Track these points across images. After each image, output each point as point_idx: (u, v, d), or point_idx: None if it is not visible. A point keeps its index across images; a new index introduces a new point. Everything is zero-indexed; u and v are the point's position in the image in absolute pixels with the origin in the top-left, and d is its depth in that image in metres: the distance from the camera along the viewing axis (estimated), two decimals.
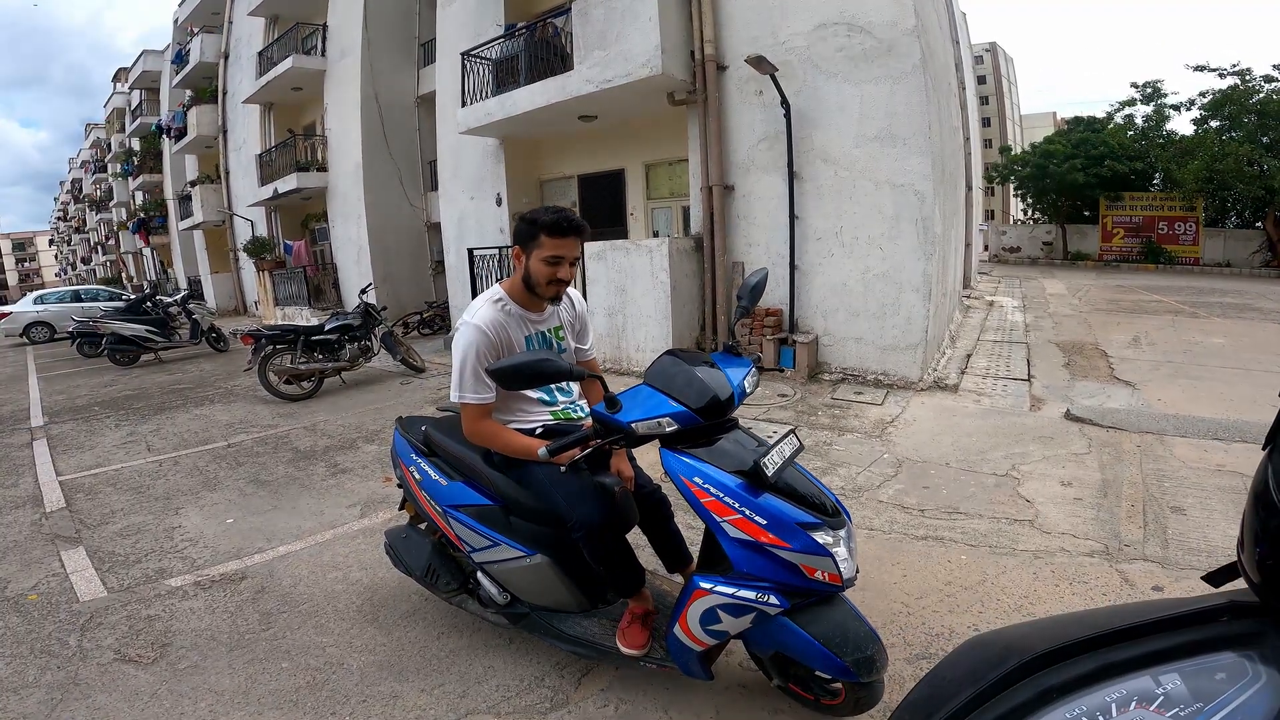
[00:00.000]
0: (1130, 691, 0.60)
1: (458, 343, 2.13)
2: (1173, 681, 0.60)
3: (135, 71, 29.53)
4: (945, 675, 0.71)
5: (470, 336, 2.10)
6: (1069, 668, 0.64)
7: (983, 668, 0.67)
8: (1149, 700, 0.59)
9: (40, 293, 20.04)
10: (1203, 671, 0.60)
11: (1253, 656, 0.59)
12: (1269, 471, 0.62)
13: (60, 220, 70.85)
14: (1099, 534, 3.42)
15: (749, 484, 1.75)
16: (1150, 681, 0.61)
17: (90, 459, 5.81)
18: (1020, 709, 0.63)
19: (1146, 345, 8.35)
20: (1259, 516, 0.61)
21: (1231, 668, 0.59)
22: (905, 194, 6.54)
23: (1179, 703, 0.58)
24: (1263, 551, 0.61)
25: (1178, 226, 21.31)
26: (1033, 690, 0.64)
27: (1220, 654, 0.61)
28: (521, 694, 2.36)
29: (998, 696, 0.65)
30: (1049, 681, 0.64)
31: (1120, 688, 0.61)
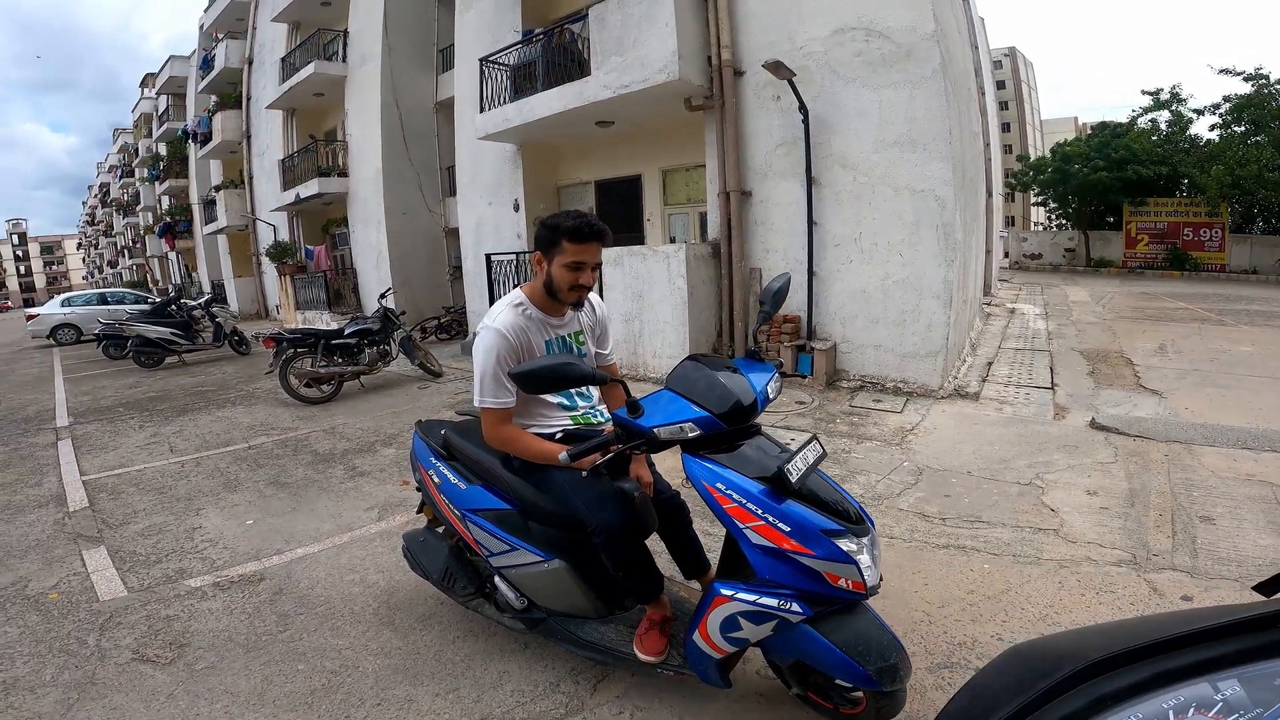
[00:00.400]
0: (1188, 698, 0.59)
1: (478, 347, 2.12)
2: (1231, 688, 0.59)
3: (162, 77, 30.10)
4: (988, 684, 0.70)
5: (491, 341, 2.09)
6: (1123, 675, 0.63)
7: (1030, 676, 0.66)
8: (1207, 706, 0.58)
9: (68, 295, 20.40)
10: (1262, 677, 0.59)
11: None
12: None
13: (88, 224, 72.20)
14: (1126, 543, 3.36)
15: (772, 490, 1.72)
16: (1208, 688, 0.59)
17: (114, 459, 5.89)
18: (1073, 717, 0.62)
19: (1173, 353, 8.20)
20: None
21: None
22: (926, 200, 6.48)
23: (1238, 708, 0.57)
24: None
25: (1203, 232, 20.95)
26: (1086, 698, 0.63)
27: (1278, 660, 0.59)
28: (536, 699, 2.35)
29: (1049, 704, 0.64)
30: (1102, 689, 0.62)
31: (1177, 694, 0.60)
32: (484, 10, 10.96)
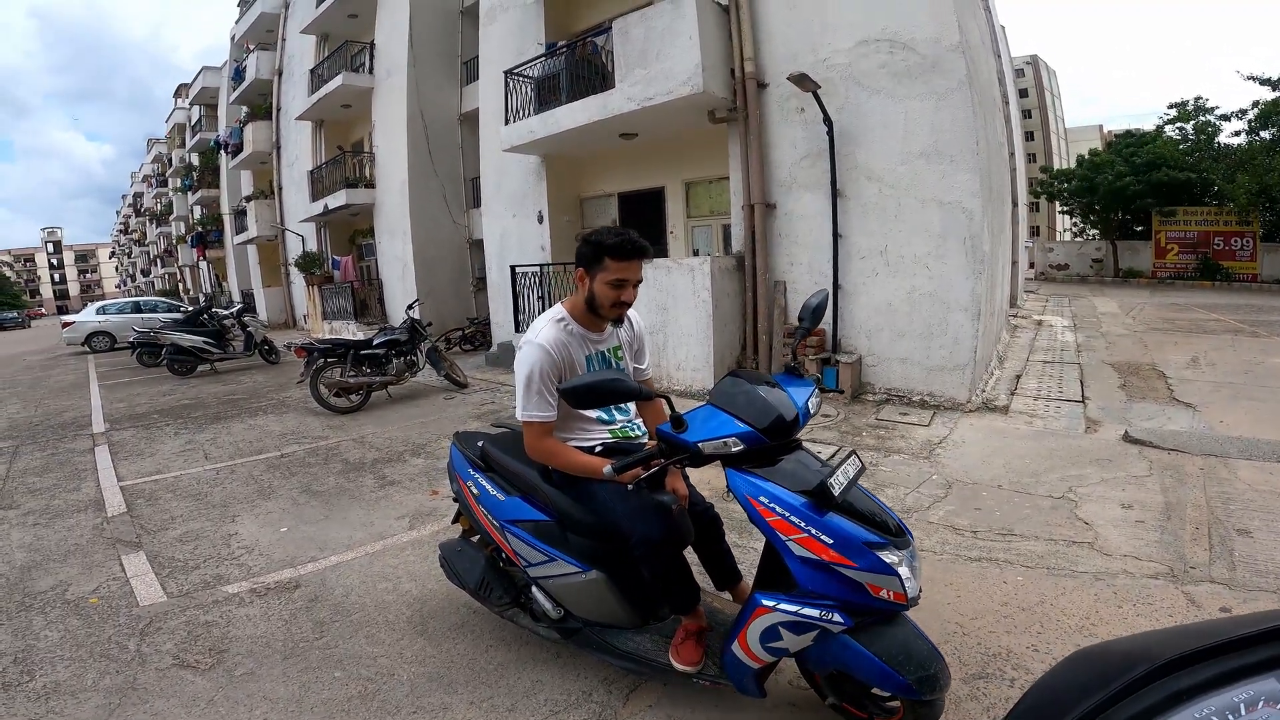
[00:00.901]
0: (1258, 692, 0.61)
1: (522, 361, 2.16)
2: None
3: (195, 88, 30.81)
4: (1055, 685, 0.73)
5: (534, 355, 2.13)
6: (1197, 672, 0.65)
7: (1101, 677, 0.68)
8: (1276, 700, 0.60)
9: (102, 303, 20.86)
10: None
11: None
12: None
13: (121, 233, 73.86)
14: (1163, 556, 3.33)
15: (814, 503, 1.74)
16: (1277, 683, 0.61)
17: (150, 465, 6.01)
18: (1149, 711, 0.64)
19: (1206, 366, 8.06)
20: None
21: None
22: (953, 212, 6.45)
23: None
24: None
25: (1234, 242, 20.55)
26: (1162, 693, 0.65)
27: None
28: (569, 709, 2.37)
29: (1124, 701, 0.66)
30: (1177, 685, 0.65)
31: (1248, 689, 0.62)
32: (508, 23, 11.11)
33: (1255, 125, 20.16)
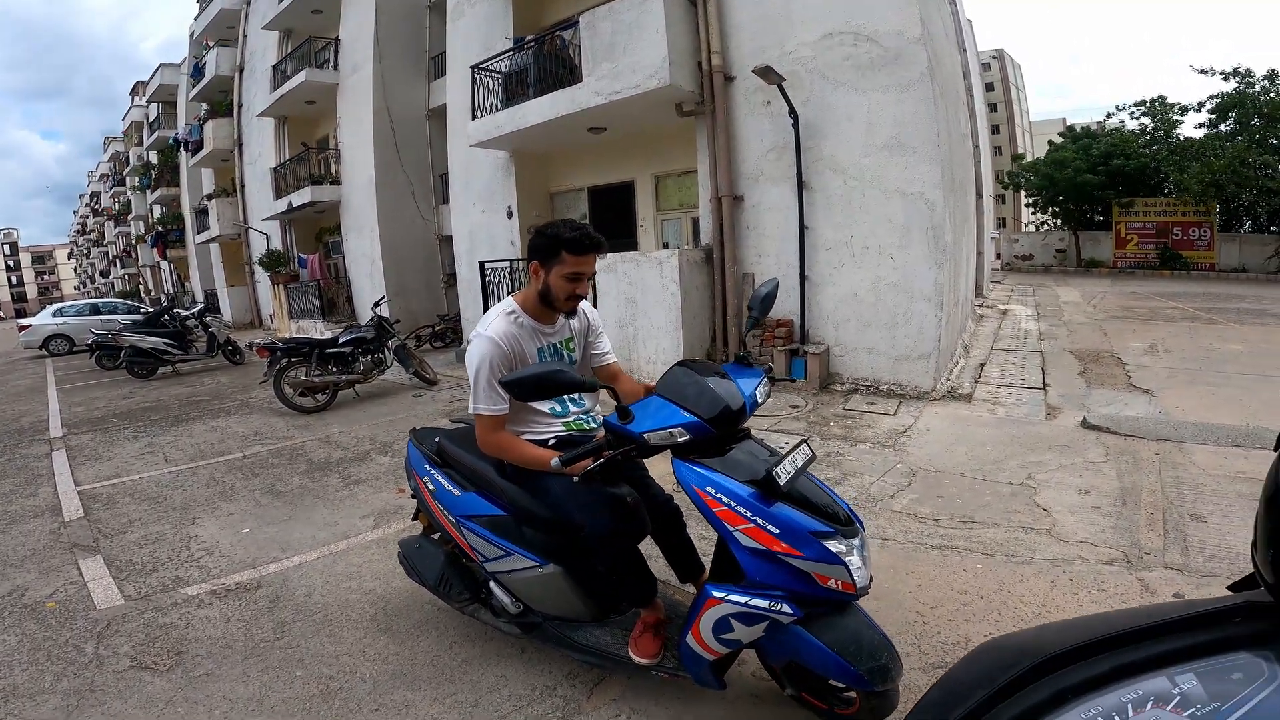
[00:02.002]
0: (1146, 692, 0.60)
1: (472, 355, 2.15)
2: (1189, 681, 0.60)
3: (152, 85, 30.02)
4: (959, 678, 0.71)
5: (484, 349, 2.12)
6: (1083, 669, 0.64)
7: (997, 670, 0.67)
8: (1165, 700, 0.59)
9: (60, 305, 20.32)
10: (1219, 671, 0.60)
11: (1269, 656, 0.59)
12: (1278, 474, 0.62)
13: (79, 233, 71.93)
14: (1118, 542, 3.40)
15: (761, 493, 1.75)
16: (1166, 682, 0.60)
17: (108, 469, 5.88)
18: (1034, 710, 0.63)
19: (1163, 352, 8.28)
20: (1271, 518, 0.61)
21: (1248, 668, 0.59)
22: (915, 203, 6.53)
23: (1195, 702, 0.58)
24: (1275, 553, 0.61)
25: (1192, 232, 21.12)
26: (1048, 691, 0.64)
27: (1236, 654, 0.61)
28: (533, 703, 2.36)
29: (1012, 698, 0.65)
30: (1063, 682, 0.64)
31: (1136, 688, 0.61)
32: (475, 18, 11.01)
33: (1215, 120, 20.68)
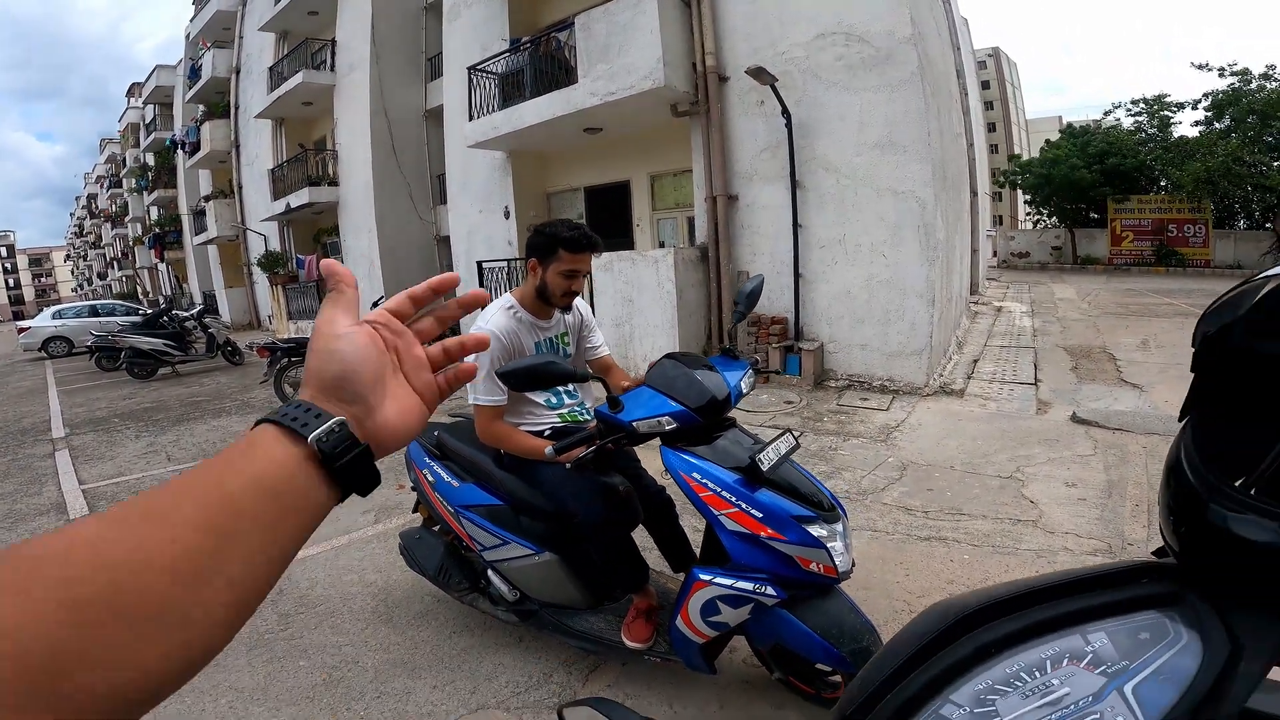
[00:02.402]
0: (1062, 649, 0.63)
1: None
2: (1100, 640, 0.62)
3: (149, 86, 30.05)
4: (897, 639, 0.74)
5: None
6: (1003, 625, 0.67)
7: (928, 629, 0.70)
8: (1079, 657, 0.61)
9: (58, 307, 20.36)
10: (1127, 630, 0.62)
11: (1174, 617, 0.61)
12: (1181, 444, 0.67)
13: (76, 235, 71.85)
14: (1103, 533, 3.46)
15: (746, 479, 1.82)
16: (1080, 639, 0.63)
17: (112, 469, 5.94)
18: (959, 665, 0.65)
19: (1155, 348, 8.35)
20: (1170, 487, 0.64)
21: (1154, 628, 0.61)
22: (907, 201, 6.61)
23: (1106, 660, 0.60)
24: (1176, 519, 0.63)
25: (1187, 229, 21.18)
26: (970, 647, 0.66)
27: (1144, 613, 0.63)
28: (530, 689, 2.43)
29: (938, 654, 0.67)
30: (984, 638, 0.66)
31: (1053, 645, 0.63)
32: (472, 19, 11.06)
33: (1211, 117, 20.73)
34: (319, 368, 0.50)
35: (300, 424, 0.46)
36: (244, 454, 0.45)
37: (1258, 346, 0.60)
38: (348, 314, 0.54)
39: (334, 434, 0.47)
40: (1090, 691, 0.59)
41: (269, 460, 0.45)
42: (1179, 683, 0.56)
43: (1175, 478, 0.65)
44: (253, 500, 0.42)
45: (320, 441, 0.46)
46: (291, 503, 0.44)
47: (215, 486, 0.42)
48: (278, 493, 0.44)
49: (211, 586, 0.39)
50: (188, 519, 0.40)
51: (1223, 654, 0.57)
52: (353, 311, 0.54)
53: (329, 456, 0.46)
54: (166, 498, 0.41)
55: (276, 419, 0.47)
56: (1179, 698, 0.55)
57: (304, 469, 0.45)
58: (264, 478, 0.43)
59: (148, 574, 0.37)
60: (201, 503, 0.41)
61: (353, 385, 0.50)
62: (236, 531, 0.41)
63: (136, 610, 0.36)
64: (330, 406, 0.49)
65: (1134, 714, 0.56)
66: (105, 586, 0.35)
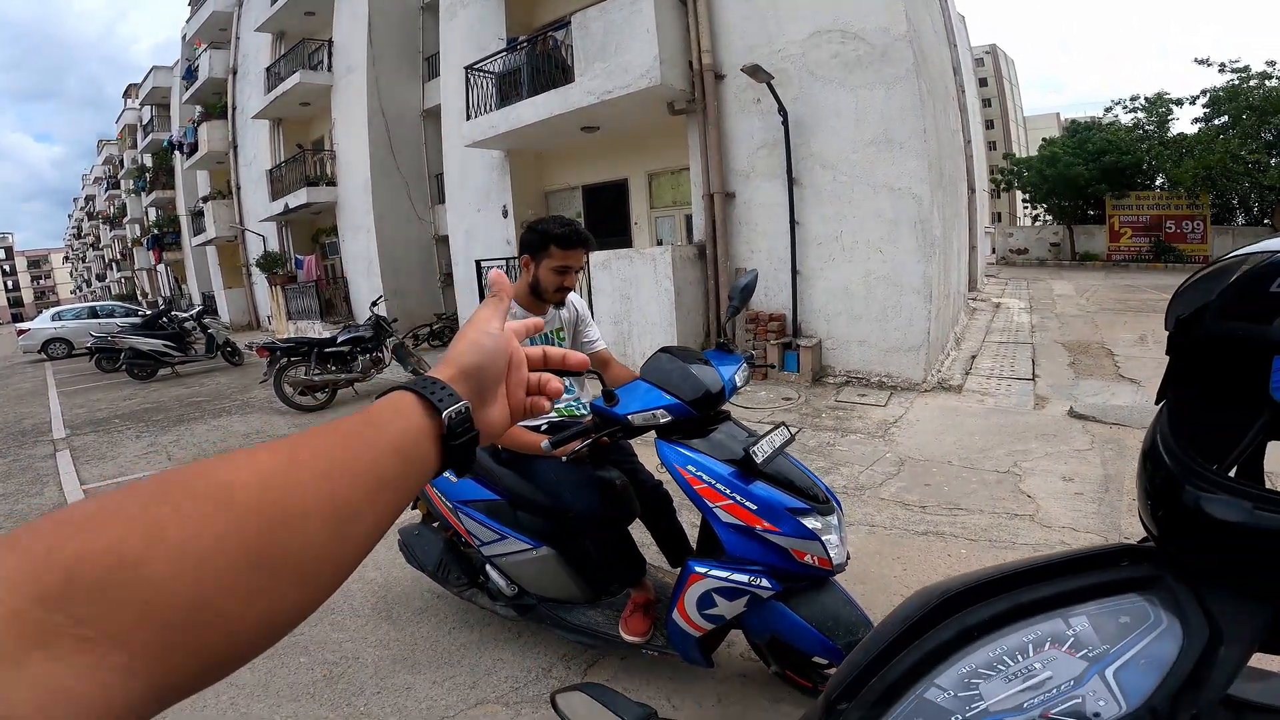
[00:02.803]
0: (1044, 633, 0.63)
1: None
2: (1081, 624, 0.63)
3: (145, 87, 30.03)
4: (885, 624, 0.75)
5: None
6: (985, 608, 0.68)
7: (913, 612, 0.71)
8: (1061, 641, 0.61)
9: (58, 309, 20.35)
10: (1108, 614, 0.63)
11: (1154, 601, 0.61)
12: (1156, 428, 0.68)
13: (75, 237, 71.78)
14: (1099, 527, 3.48)
15: (740, 472, 1.84)
16: (1061, 623, 0.63)
17: (113, 469, 5.96)
18: (943, 648, 0.66)
19: (1153, 343, 8.35)
20: (1147, 471, 0.65)
21: (1135, 611, 0.61)
22: (903, 197, 6.62)
23: (1088, 644, 0.60)
24: (1153, 503, 0.64)
25: (1185, 225, 21.19)
26: (953, 630, 0.67)
27: (1124, 597, 0.63)
28: (529, 684, 2.45)
29: (924, 636, 0.68)
30: (967, 621, 0.67)
31: (1036, 628, 0.64)
32: (469, 18, 11.07)
33: (1210, 114, 20.73)
34: (464, 352, 0.56)
35: (438, 399, 0.50)
36: (388, 416, 0.48)
37: (1231, 328, 0.60)
38: (500, 318, 0.61)
39: (460, 414, 0.51)
40: (1072, 675, 0.59)
41: (408, 424, 0.48)
42: (1160, 668, 0.57)
43: (1151, 461, 0.66)
44: (391, 461, 0.45)
45: (450, 419, 0.50)
46: (413, 468, 0.47)
47: (367, 445, 0.44)
48: (407, 456, 0.47)
49: (350, 541, 0.41)
50: (349, 472, 0.41)
51: (1202, 638, 0.57)
52: (503, 316, 0.62)
53: (451, 434, 0.50)
54: (329, 443, 0.43)
55: (419, 389, 0.51)
56: (1160, 683, 0.56)
57: (428, 439, 0.49)
58: (400, 442, 0.46)
59: (312, 522, 0.38)
60: (357, 458, 0.43)
61: (483, 378, 0.56)
62: (379, 490, 0.43)
63: (295, 558, 0.37)
64: (460, 388, 0.53)
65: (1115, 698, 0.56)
66: (281, 528, 0.36)
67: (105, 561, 0.29)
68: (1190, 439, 0.63)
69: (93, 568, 0.28)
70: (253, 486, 0.36)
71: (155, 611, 0.29)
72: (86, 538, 0.29)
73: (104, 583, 0.28)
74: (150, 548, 0.30)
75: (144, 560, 0.30)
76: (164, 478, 0.35)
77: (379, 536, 0.44)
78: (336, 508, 0.40)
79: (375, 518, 0.43)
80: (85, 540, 0.29)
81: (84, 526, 0.30)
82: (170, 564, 0.30)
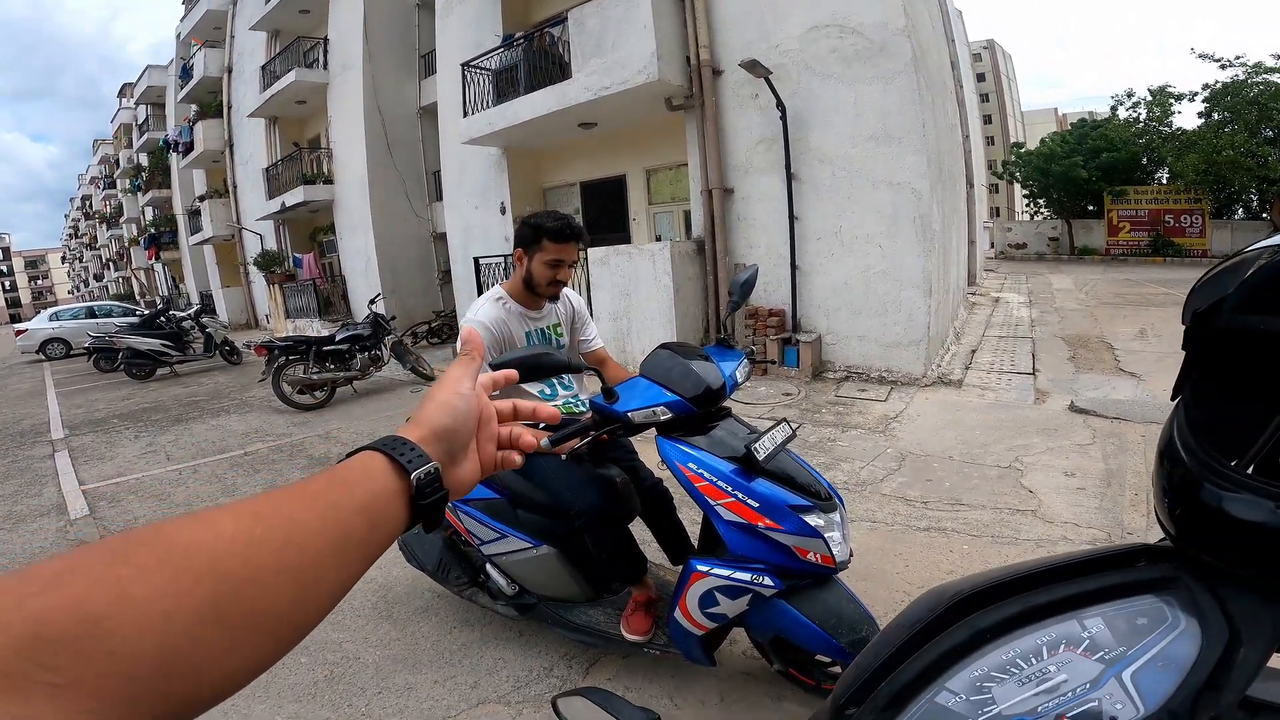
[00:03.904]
0: (1058, 635, 0.62)
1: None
2: (1097, 625, 0.62)
3: (140, 87, 29.91)
4: (895, 624, 0.73)
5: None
6: (997, 610, 0.67)
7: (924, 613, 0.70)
8: (1076, 643, 0.61)
9: (55, 309, 20.29)
10: (1124, 615, 0.62)
11: (1172, 602, 0.60)
12: (1173, 424, 0.67)
13: (72, 237, 71.58)
14: (1102, 522, 3.46)
15: (742, 469, 1.82)
16: (1076, 625, 0.62)
17: (111, 469, 5.94)
18: (955, 651, 0.65)
19: (1153, 337, 8.35)
20: (1164, 469, 0.63)
21: (1152, 613, 0.60)
22: (902, 192, 6.60)
23: (1104, 646, 0.60)
24: (1171, 501, 0.62)
25: (1184, 219, 21.20)
26: (966, 633, 0.66)
27: (1140, 598, 0.62)
28: (531, 683, 2.44)
29: (935, 639, 0.67)
30: (980, 624, 0.66)
31: (1049, 631, 0.63)
32: (465, 15, 11.02)
33: (1209, 109, 20.70)
34: (434, 414, 0.57)
35: (406, 460, 0.52)
36: (356, 477, 0.49)
37: (1251, 322, 0.59)
38: (471, 378, 0.63)
39: (430, 476, 0.53)
40: (1088, 678, 0.59)
41: (376, 487, 0.50)
42: (1178, 669, 0.56)
43: (1169, 459, 0.64)
44: (358, 522, 0.46)
45: (419, 480, 0.52)
46: (380, 528, 0.49)
47: (332, 506, 0.45)
48: (374, 517, 0.48)
49: (314, 600, 0.42)
50: (314, 534, 0.43)
51: (1221, 640, 0.56)
52: (475, 376, 0.64)
53: (420, 494, 0.52)
54: (293, 507, 0.44)
55: (387, 450, 0.52)
56: (1178, 685, 0.55)
57: (397, 500, 0.51)
58: (368, 503, 0.48)
59: (275, 583, 0.39)
60: (322, 519, 0.44)
61: (453, 439, 0.58)
62: (344, 550, 0.45)
63: (259, 617, 0.38)
64: (430, 449, 0.55)
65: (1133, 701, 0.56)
66: (245, 588, 0.37)
67: (72, 614, 0.31)
68: (1208, 435, 0.62)
69: (60, 620, 0.30)
70: (215, 550, 0.37)
71: (122, 663, 0.31)
72: (53, 594, 0.31)
73: (71, 635, 0.30)
74: (114, 605, 0.32)
75: (108, 616, 0.31)
76: (127, 538, 0.36)
77: (345, 592, 0.46)
78: (300, 569, 0.41)
79: (340, 577, 0.44)
80: (51, 596, 0.31)
81: (51, 583, 0.32)
82: (134, 622, 0.32)
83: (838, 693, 0.73)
